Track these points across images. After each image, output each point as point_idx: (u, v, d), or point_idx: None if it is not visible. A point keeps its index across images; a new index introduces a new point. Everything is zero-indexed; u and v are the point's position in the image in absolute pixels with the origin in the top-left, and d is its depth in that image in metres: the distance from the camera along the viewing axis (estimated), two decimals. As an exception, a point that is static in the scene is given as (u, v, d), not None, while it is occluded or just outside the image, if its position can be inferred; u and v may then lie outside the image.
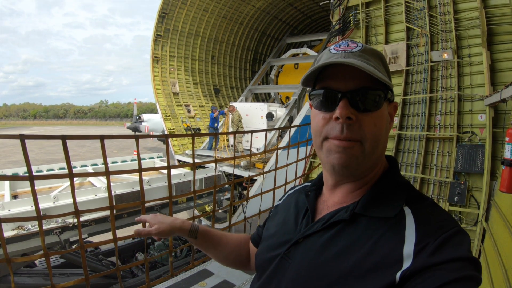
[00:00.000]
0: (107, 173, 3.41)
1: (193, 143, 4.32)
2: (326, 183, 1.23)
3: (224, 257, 1.64)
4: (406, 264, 0.87)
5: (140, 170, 3.81)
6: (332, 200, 1.17)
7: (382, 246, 0.94)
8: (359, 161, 1.04)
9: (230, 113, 14.21)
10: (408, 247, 0.90)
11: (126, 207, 5.63)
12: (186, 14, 16.31)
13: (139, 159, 3.81)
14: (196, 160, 13.04)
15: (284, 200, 1.48)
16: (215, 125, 15.11)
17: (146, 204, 7.16)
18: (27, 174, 2.78)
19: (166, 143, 3.98)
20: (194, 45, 17.48)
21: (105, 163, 3.42)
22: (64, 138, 2.73)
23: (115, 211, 3.82)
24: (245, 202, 5.72)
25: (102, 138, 3.09)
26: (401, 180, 1.12)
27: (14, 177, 4.91)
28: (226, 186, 12.59)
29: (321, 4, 9.54)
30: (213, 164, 6.98)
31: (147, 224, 1.61)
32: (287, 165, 5.95)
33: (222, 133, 9.10)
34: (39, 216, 3.01)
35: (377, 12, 8.62)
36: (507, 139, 4.04)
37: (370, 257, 0.93)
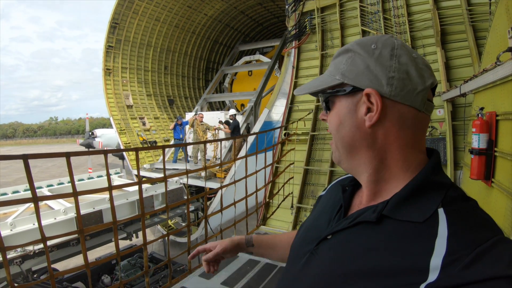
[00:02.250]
0: (75, 194, 3.11)
1: (163, 155, 4.08)
2: None
3: (283, 256, 1.59)
4: (432, 277, 0.78)
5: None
6: (365, 196, 1.10)
7: (408, 253, 0.85)
8: (336, 155, 1.12)
9: (200, 123, 13.67)
10: (436, 259, 0.79)
11: (97, 229, 5.26)
12: (138, 24, 15.93)
13: (108, 175, 3.53)
14: (154, 174, 12.69)
15: (326, 191, 1.44)
16: (181, 136, 14.68)
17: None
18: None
19: (137, 156, 3.70)
20: (146, 55, 17.09)
21: (72, 183, 3.08)
22: (25, 158, 2.44)
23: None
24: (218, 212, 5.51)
25: (68, 155, 2.79)
26: (439, 179, 0.99)
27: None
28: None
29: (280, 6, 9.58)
30: (174, 177, 6.74)
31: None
32: (256, 172, 5.80)
33: (190, 143, 8.86)
34: (2, 247, 2.68)
35: (333, 16, 8.76)
36: (474, 130, 4.18)
37: (394, 262, 0.85)
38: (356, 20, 8.41)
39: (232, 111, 13.90)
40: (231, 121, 13.55)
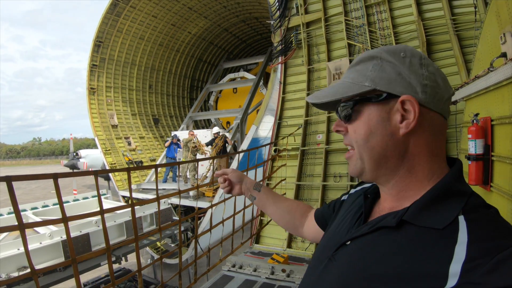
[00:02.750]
0: (64, 220, 2.88)
1: (156, 175, 3.92)
2: None
3: (279, 217, 1.79)
4: (451, 283, 0.78)
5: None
6: (384, 204, 1.13)
7: (427, 258, 0.85)
8: (357, 167, 1.08)
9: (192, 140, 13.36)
10: (456, 265, 0.79)
11: (90, 257, 5.02)
12: (122, 42, 15.81)
13: (99, 196, 3.31)
14: (142, 195, 12.44)
15: (349, 196, 1.45)
16: (175, 155, 14.38)
17: (97, 247, 6.63)
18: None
19: (128, 176, 3.50)
20: (131, 74, 16.93)
21: (62, 208, 2.86)
22: (9, 180, 2.25)
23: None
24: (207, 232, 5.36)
25: (55, 177, 2.59)
26: (460, 187, 0.99)
27: None
28: (177, 218, 12.13)
29: (267, 21, 9.62)
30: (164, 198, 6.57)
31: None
32: (226, 198, 5.65)
33: (183, 162, 8.67)
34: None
35: (318, 31, 8.79)
36: (469, 136, 4.19)
37: (412, 269, 0.86)
38: (341, 34, 8.45)
39: (216, 129, 13.74)
40: (215, 138, 13.36)
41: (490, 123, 4.08)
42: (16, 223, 2.44)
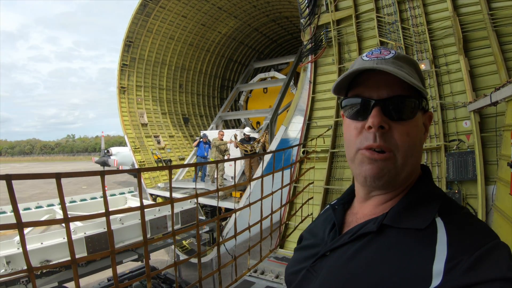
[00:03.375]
0: (66, 220, 2.78)
1: (170, 176, 3.80)
2: (357, 195, 1.20)
3: None
4: (435, 282, 0.81)
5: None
6: (362, 212, 1.13)
7: (410, 261, 0.87)
8: (391, 173, 1.00)
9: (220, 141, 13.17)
10: (439, 264, 0.83)
11: (93, 258, 4.99)
12: (152, 42, 15.97)
13: (105, 197, 3.24)
14: (168, 194, 12.48)
15: (318, 216, 1.44)
16: (205, 154, 14.28)
17: (120, 245, 6.62)
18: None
19: (138, 177, 3.42)
20: (161, 74, 17.07)
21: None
22: (9, 179, 2.20)
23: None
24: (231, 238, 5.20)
25: (58, 176, 2.51)
26: (434, 190, 1.06)
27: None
28: (204, 218, 12.10)
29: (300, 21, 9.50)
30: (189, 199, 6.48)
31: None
32: (272, 193, 5.45)
33: (201, 163, 8.59)
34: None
35: (349, 28, 8.52)
36: None
37: (398, 272, 0.87)
38: (373, 32, 8.14)
39: (248, 129, 13.62)
40: (246, 139, 13.25)
41: (536, 126, 3.79)
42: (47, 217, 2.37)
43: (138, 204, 8.23)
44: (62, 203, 2.61)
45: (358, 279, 0.93)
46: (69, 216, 2.69)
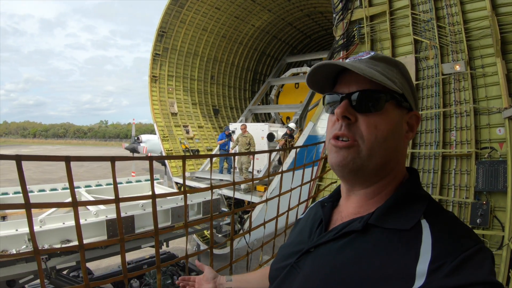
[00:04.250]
0: (117, 200, 2.92)
1: (211, 164, 3.83)
2: (342, 193, 1.22)
3: None
4: (418, 283, 0.82)
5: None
6: (346, 210, 1.14)
7: (394, 260, 0.88)
8: (356, 162, 1.02)
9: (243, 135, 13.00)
10: (422, 265, 0.84)
11: (135, 238, 5.04)
12: (185, 33, 16.14)
13: (152, 184, 3.29)
14: (194, 183, 12.54)
15: (305, 213, 1.45)
16: (226, 147, 14.39)
17: (140, 230, 6.72)
18: (22, 202, 2.43)
19: (183, 165, 3.44)
20: (193, 64, 17.27)
21: (116, 189, 2.92)
22: (68, 160, 2.28)
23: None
24: (246, 233, 5.20)
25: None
26: (420, 192, 1.07)
27: (8, 205, 4.37)
28: (226, 210, 12.16)
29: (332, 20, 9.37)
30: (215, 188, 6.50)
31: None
32: (291, 189, 5.40)
33: (238, 154, 8.61)
34: (36, 249, 2.63)
35: (382, 25, 8.28)
36: None
37: (380, 270, 0.88)
38: (408, 29, 7.84)
39: (293, 124, 13.52)
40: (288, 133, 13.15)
41: None
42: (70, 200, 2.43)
43: (163, 191, 8.33)
44: (115, 185, 2.78)
45: (340, 275, 0.94)
46: (93, 199, 2.79)
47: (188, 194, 7.94)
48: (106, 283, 3.55)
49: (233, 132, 15.07)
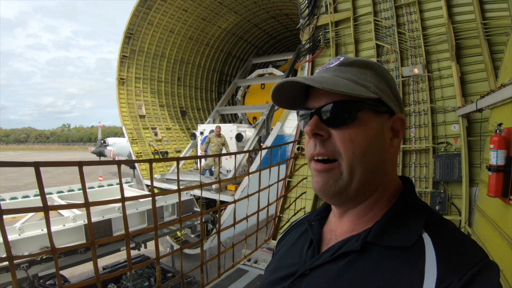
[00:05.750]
0: (87, 205, 3.03)
1: (178, 167, 4.01)
2: (333, 210, 1.14)
3: None
4: None
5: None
6: (340, 228, 1.07)
7: (398, 281, 0.82)
8: (339, 184, 0.95)
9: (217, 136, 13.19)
10: (429, 285, 0.78)
11: (109, 241, 5.14)
12: (152, 35, 16.07)
13: (122, 186, 3.44)
14: (165, 185, 12.60)
15: (286, 233, 1.37)
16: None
17: (118, 233, 6.81)
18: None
19: (150, 168, 3.62)
20: (160, 66, 17.21)
21: (85, 193, 3.02)
22: (37, 166, 2.39)
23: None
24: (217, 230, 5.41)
25: (80, 164, 2.72)
26: (418, 203, 0.99)
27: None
28: (199, 210, 12.29)
29: (297, 27, 9.61)
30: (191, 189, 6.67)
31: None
32: (259, 191, 5.64)
33: (205, 156, 8.77)
34: (10, 256, 2.59)
35: (347, 30, 8.70)
36: (492, 146, 4.14)
37: None
38: (370, 34, 8.32)
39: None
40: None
41: (514, 134, 4.00)
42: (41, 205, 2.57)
43: (134, 194, 8.38)
44: (84, 190, 2.83)
45: None
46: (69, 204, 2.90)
47: (162, 196, 8.10)
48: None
49: (202, 133, 15.21)
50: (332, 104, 0.95)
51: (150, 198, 7.69)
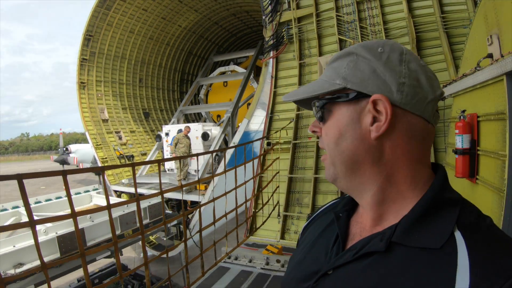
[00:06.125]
0: (74, 215, 2.91)
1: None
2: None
3: None
4: None
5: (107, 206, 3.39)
6: (366, 221, 1.01)
7: (424, 286, 0.75)
8: (330, 172, 1.02)
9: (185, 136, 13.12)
10: None
11: (96, 251, 4.97)
12: (112, 36, 15.67)
13: (106, 192, 3.35)
14: (133, 189, 12.43)
15: (312, 220, 1.32)
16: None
17: (92, 242, 6.65)
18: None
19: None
20: (121, 68, 16.80)
21: (70, 203, 2.89)
22: (20, 178, 2.30)
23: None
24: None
25: (64, 173, 2.64)
26: (449, 196, 0.89)
27: None
28: (171, 212, 12.18)
29: (260, 23, 9.69)
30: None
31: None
32: (225, 193, 5.59)
33: (166, 160, 8.66)
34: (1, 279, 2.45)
35: (310, 26, 8.87)
36: (457, 131, 4.39)
37: None
38: (333, 30, 8.53)
39: None
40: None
41: (476, 119, 4.28)
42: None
43: (103, 201, 8.21)
44: (69, 199, 2.74)
45: None
46: (44, 217, 2.75)
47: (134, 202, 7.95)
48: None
49: (167, 134, 15.07)
50: (313, 104, 1.02)
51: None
